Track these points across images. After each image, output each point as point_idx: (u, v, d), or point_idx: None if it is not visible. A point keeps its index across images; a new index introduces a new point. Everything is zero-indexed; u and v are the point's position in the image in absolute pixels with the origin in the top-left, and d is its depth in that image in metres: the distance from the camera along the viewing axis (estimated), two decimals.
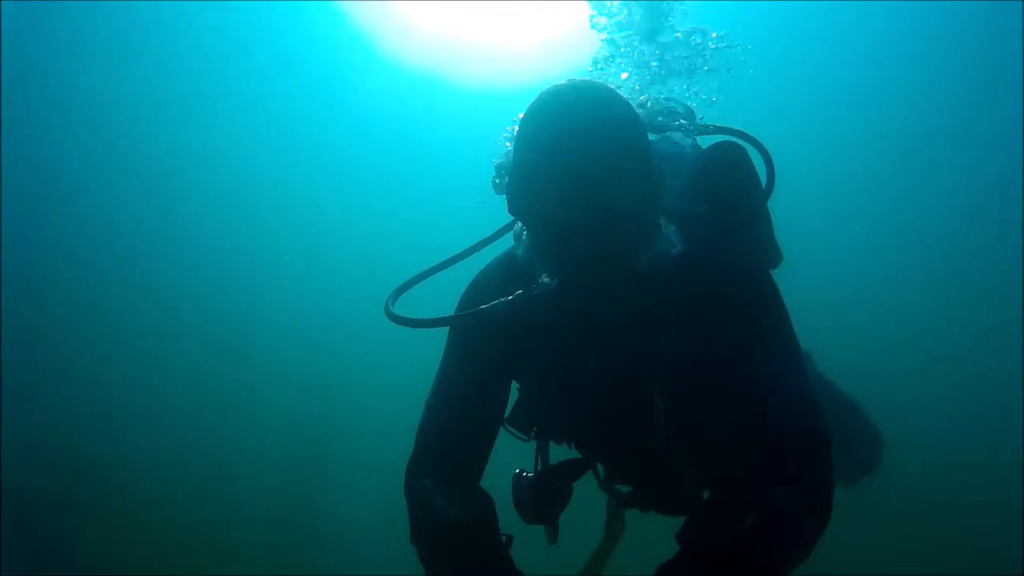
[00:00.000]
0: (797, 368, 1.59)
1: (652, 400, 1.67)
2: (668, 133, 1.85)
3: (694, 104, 1.95)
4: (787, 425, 1.51)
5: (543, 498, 1.84)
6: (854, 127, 11.90)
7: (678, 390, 1.66)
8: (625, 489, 1.98)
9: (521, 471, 1.87)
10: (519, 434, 1.87)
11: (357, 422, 11.05)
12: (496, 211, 1.81)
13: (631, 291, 1.56)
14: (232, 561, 9.27)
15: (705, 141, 2.03)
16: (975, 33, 10.47)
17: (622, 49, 4.14)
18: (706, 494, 1.82)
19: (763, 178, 1.89)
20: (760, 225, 1.81)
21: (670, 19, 4.23)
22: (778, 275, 1.85)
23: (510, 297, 1.64)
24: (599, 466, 2.00)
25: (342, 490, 10.31)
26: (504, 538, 1.73)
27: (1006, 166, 11.35)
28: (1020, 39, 10.19)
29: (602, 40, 4.04)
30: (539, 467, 1.91)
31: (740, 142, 1.84)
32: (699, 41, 4.26)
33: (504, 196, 1.65)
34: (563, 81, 1.56)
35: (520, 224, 1.74)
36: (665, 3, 4.13)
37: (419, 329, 1.76)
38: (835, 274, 12.46)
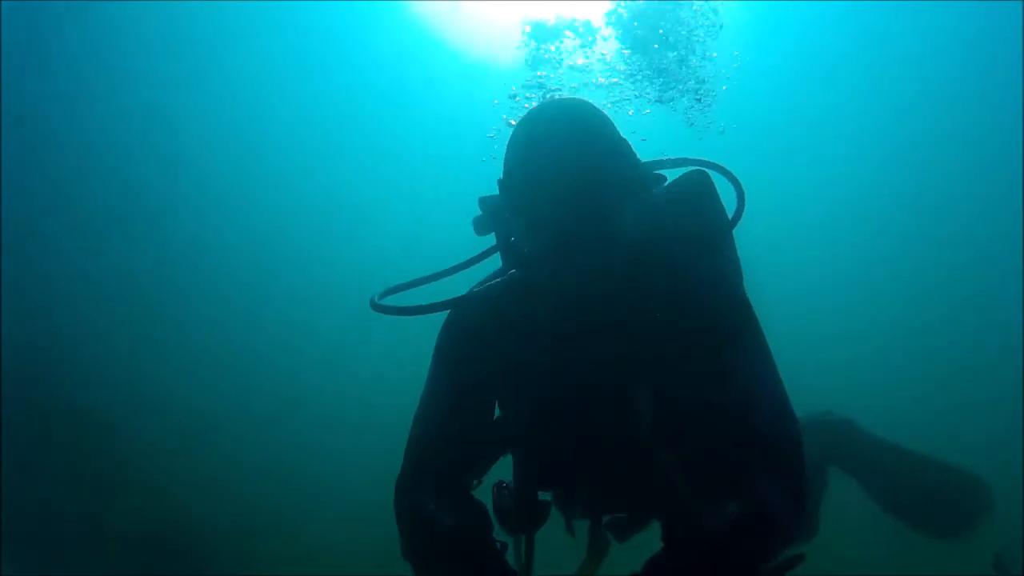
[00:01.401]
0: (771, 374, 1.69)
1: (639, 395, 1.73)
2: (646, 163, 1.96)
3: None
4: (764, 427, 1.59)
5: (525, 509, 1.85)
6: (849, 132, 11.92)
7: (663, 387, 1.72)
8: (607, 518, 1.98)
9: (502, 482, 1.89)
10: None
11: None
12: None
13: (611, 275, 1.67)
14: None
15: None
16: (975, 33, 10.45)
17: None
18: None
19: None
20: (724, 251, 1.93)
21: None
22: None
23: (502, 278, 1.81)
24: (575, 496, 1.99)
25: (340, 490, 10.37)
26: (499, 544, 1.72)
27: (1005, 172, 11.32)
28: (1020, 39, 10.17)
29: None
30: (520, 478, 1.90)
31: (714, 173, 1.98)
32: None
33: (484, 235, 1.83)
34: (548, 101, 1.77)
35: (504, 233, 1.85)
36: None
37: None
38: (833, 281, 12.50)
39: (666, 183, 1.93)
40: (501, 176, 1.78)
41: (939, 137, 11.60)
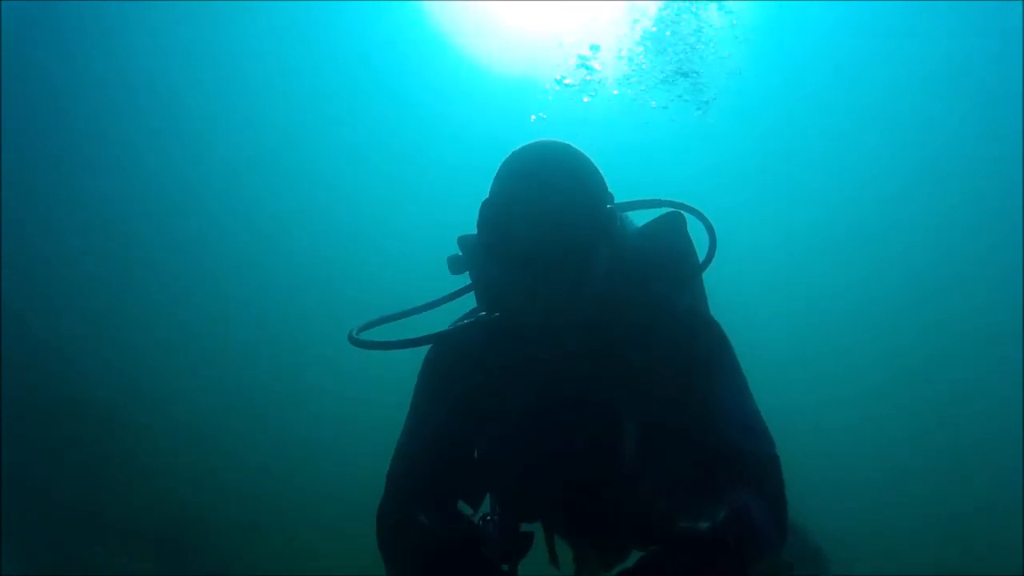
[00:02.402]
0: (749, 398, 1.77)
1: (624, 427, 1.77)
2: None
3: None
4: (741, 444, 1.67)
5: (510, 539, 1.84)
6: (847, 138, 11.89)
7: (644, 417, 1.76)
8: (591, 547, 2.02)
9: (485, 515, 1.91)
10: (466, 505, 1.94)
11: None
12: None
13: (585, 310, 1.71)
14: None
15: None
16: (975, 33, 10.41)
17: None
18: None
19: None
20: (694, 290, 2.02)
21: None
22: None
23: (471, 319, 1.85)
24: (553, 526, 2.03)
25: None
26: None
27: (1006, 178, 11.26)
28: (1020, 39, 10.14)
29: None
30: (503, 509, 1.93)
31: (689, 215, 2.06)
32: None
33: (459, 274, 1.91)
34: (529, 143, 1.79)
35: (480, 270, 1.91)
36: None
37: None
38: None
39: (634, 225, 2.01)
40: (478, 217, 1.79)
41: (938, 141, 11.58)
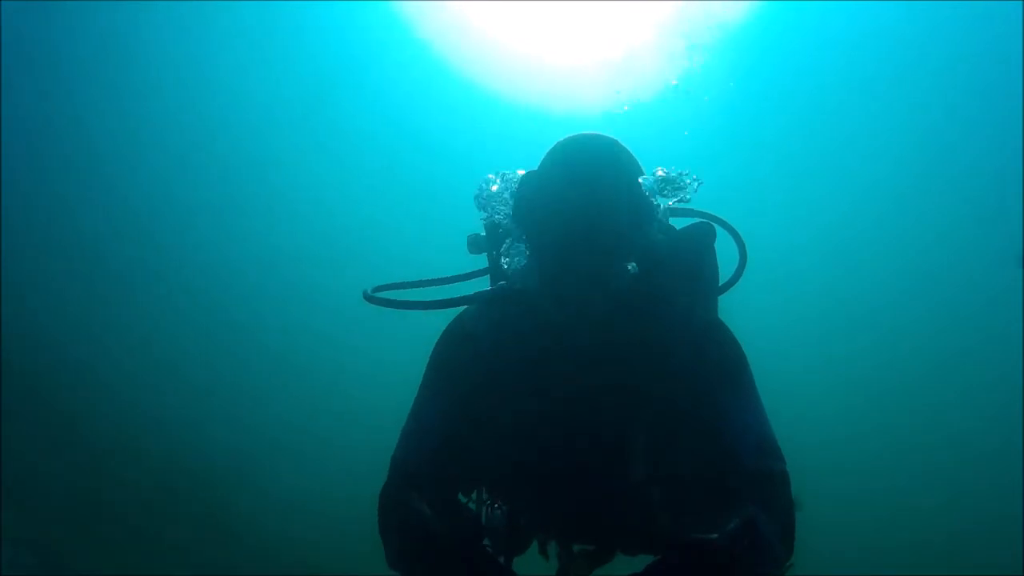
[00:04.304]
0: (762, 415, 1.77)
1: (634, 432, 1.76)
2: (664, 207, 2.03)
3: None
4: (754, 463, 1.66)
5: (515, 531, 1.86)
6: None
7: (656, 425, 1.76)
8: (578, 548, 2.00)
9: (494, 503, 1.91)
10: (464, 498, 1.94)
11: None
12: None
13: (605, 303, 1.72)
14: None
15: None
16: (975, 33, 10.41)
17: None
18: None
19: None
20: (708, 307, 2.01)
21: None
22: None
23: (492, 288, 1.84)
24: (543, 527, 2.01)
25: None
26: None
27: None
28: (1020, 39, 10.14)
29: None
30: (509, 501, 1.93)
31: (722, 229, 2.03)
32: None
33: (476, 255, 1.94)
34: (579, 133, 1.83)
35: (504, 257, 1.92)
36: None
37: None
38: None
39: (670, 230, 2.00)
40: (520, 199, 1.81)
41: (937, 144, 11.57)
